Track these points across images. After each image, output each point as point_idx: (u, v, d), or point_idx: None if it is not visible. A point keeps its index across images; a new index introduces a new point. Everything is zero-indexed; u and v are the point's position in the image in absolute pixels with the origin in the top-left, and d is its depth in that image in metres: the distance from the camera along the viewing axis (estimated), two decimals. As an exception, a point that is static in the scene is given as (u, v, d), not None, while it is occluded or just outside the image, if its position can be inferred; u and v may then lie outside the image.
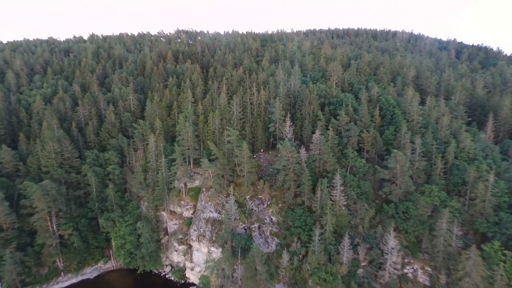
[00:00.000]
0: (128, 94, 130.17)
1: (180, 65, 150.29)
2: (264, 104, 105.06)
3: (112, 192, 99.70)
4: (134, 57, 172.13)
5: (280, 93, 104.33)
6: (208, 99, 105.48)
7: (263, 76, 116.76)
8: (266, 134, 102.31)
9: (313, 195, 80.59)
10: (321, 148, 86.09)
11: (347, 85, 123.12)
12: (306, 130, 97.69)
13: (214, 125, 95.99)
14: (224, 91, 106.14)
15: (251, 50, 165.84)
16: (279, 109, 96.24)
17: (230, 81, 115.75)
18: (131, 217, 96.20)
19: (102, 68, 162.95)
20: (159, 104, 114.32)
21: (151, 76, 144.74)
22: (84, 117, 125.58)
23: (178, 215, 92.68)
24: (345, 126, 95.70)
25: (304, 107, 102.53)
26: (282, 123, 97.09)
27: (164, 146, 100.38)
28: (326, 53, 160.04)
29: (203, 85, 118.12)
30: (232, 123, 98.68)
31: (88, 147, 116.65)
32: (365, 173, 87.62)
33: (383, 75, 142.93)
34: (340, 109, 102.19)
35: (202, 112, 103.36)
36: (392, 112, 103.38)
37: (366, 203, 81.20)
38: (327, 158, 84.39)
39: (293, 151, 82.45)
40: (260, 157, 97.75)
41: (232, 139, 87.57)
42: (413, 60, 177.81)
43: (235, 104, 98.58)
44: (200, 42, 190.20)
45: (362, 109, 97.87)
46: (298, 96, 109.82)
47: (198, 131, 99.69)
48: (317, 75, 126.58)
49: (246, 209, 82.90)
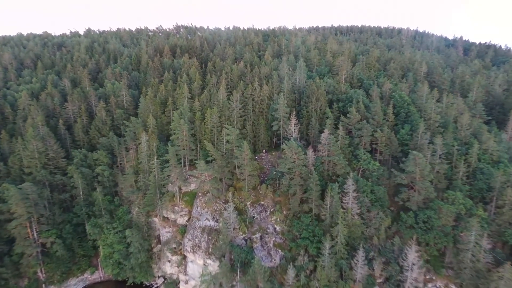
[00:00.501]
0: (120, 90, 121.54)
1: (177, 60, 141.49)
2: (267, 101, 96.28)
3: (100, 196, 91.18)
4: (130, 52, 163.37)
5: (284, 88, 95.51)
6: (205, 95, 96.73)
7: (266, 70, 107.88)
8: (269, 133, 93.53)
9: (321, 202, 71.90)
10: (331, 149, 77.31)
11: (356, 81, 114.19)
12: (313, 129, 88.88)
13: (212, 123, 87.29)
14: (223, 86, 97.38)
15: (252, 45, 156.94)
16: (283, 106, 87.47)
17: (230, 75, 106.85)
18: (120, 224, 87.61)
19: (96, 62, 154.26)
20: (153, 100, 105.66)
21: (147, 71, 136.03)
22: (74, 114, 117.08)
23: (172, 222, 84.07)
24: (356, 125, 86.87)
25: (311, 104, 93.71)
26: (286, 121, 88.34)
27: (157, 146, 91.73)
28: (332, 48, 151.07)
29: (200, 80, 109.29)
30: (231, 121, 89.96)
31: (77, 146, 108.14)
32: (379, 177, 78.87)
33: (393, 70, 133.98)
34: (350, 106, 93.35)
35: (199, 108, 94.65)
36: (407, 110, 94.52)
37: (381, 211, 72.53)
38: (338, 161, 75.61)
39: (299, 152, 73.73)
40: (262, 158, 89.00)
41: (232, 139, 78.87)
42: (423, 56, 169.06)
43: (235, 100, 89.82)
44: (199, 37, 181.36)
45: (375, 106, 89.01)
46: (304, 92, 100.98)
47: (194, 130, 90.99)
48: (323, 70, 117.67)
49: (247, 217, 74.20)
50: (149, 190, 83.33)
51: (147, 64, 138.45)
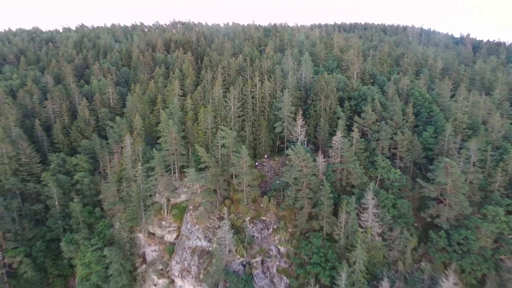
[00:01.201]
0: (107, 87, 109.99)
1: (171, 55, 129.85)
2: (268, 98, 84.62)
3: (78, 207, 79.59)
4: (121, 47, 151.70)
5: (289, 84, 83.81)
6: (199, 92, 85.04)
7: (268, 64, 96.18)
8: (271, 135, 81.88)
9: (335, 219, 60.21)
10: (344, 155, 65.59)
11: (369, 77, 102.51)
12: (322, 131, 77.17)
13: (206, 123, 75.68)
14: (219, 82, 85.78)
15: (252, 39, 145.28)
16: (288, 104, 75.83)
17: (227, 70, 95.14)
18: (100, 239, 75.86)
19: (83, 58, 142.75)
20: (140, 98, 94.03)
21: (137, 66, 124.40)
22: (54, 113, 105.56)
23: (158, 239, 72.41)
24: (373, 126, 75.19)
25: (319, 102, 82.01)
26: (291, 122, 76.69)
27: (144, 150, 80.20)
28: (338, 42, 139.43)
29: (194, 75, 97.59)
30: (228, 122, 78.35)
31: (56, 150, 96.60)
32: (400, 187, 67.18)
33: (407, 66, 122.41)
34: (364, 104, 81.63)
35: (192, 107, 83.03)
36: (429, 109, 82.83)
37: (406, 229, 60.83)
38: (353, 169, 63.88)
39: (307, 159, 62.01)
40: (263, 165, 77.32)
41: (228, 143, 67.18)
42: (436, 52, 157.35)
43: (232, 97, 78.17)
44: (195, 31, 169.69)
45: (394, 105, 77.27)
46: (310, 88, 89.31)
47: (185, 132, 79.38)
48: (331, 65, 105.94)
49: (245, 236, 62.48)
50: (131, 202, 71.68)
51: (138, 59, 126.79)
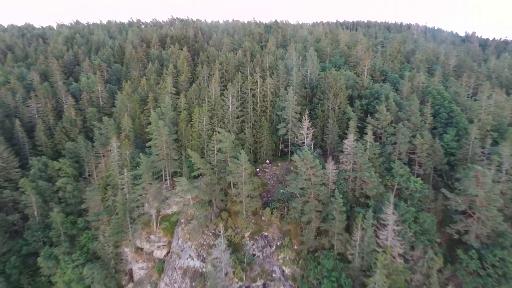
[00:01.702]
0: (95, 84, 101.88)
1: (166, 51, 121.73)
2: (271, 97, 76.52)
3: (59, 217, 71.39)
4: (114, 43, 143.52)
5: (293, 81, 75.60)
6: (194, 89, 76.91)
7: (270, 60, 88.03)
8: (273, 138, 73.79)
9: (348, 236, 52.07)
10: (358, 161, 57.40)
11: (379, 74, 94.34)
12: (331, 133, 69.04)
13: (201, 125, 67.55)
14: (216, 79, 77.66)
15: (253, 35, 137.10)
16: (293, 104, 67.69)
17: (225, 65, 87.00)
18: (82, 254, 67.62)
19: (74, 54, 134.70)
20: (130, 96, 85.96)
21: (130, 63, 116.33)
22: (38, 113, 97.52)
23: (147, 255, 64.29)
24: (388, 128, 67.00)
25: (327, 101, 73.86)
26: (297, 123, 68.56)
27: (132, 154, 72.20)
28: (344, 39, 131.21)
29: (189, 72, 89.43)
30: (226, 123, 70.25)
31: (38, 153, 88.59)
32: (421, 199, 58.97)
33: (418, 63, 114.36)
34: (377, 104, 73.50)
35: (186, 106, 74.93)
36: (449, 109, 74.63)
37: (430, 247, 52.68)
38: (369, 177, 55.69)
39: (316, 166, 53.84)
40: (265, 171, 69.25)
41: (225, 147, 59.03)
42: (447, 49, 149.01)
43: (230, 96, 70.02)
44: (193, 27, 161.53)
45: (411, 104, 69.10)
46: (317, 86, 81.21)
47: (179, 134, 71.31)
48: (338, 61, 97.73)
49: (245, 255, 54.33)
50: (117, 213, 63.57)
51: (131, 56, 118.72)
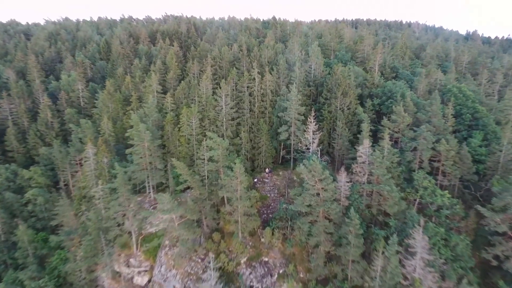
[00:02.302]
0: (76, 83, 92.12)
1: (156, 47, 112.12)
2: (270, 96, 67.19)
3: (26, 235, 61.54)
4: (101, 39, 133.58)
5: (296, 77, 66.24)
6: (182, 88, 67.36)
7: (269, 54, 78.67)
8: (274, 143, 64.50)
9: (366, 264, 42.80)
10: (375, 172, 48.13)
11: (390, 70, 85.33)
12: (340, 138, 59.80)
13: (190, 128, 58.10)
14: (208, 75, 68.24)
15: (250, 30, 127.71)
16: (296, 103, 58.40)
17: (218, 61, 77.56)
18: (51, 279, 57.86)
19: (57, 51, 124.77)
20: (112, 95, 76.36)
21: (116, 59, 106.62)
22: (12, 115, 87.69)
23: (126, 281, 54.66)
24: (407, 132, 57.86)
25: (335, 101, 64.62)
26: (300, 126, 59.29)
27: (111, 162, 62.58)
28: (348, 33, 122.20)
29: (179, 68, 79.82)
30: (219, 126, 60.86)
31: (8, 160, 78.86)
32: (450, 216, 49.84)
33: (429, 59, 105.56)
34: (391, 103, 64.42)
35: (173, 107, 65.45)
36: (473, 110, 65.63)
37: (466, 277, 43.52)
38: (389, 192, 46.44)
39: (326, 178, 44.52)
40: (264, 182, 59.88)
41: (217, 155, 49.53)
42: (456, 46, 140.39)
43: (224, 94, 60.58)
44: (186, 22, 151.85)
45: (432, 104, 59.99)
46: (323, 83, 72.02)
47: (164, 139, 61.78)
48: (345, 56, 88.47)
49: (240, 286, 44.83)
50: (89, 233, 53.88)
51: (117, 52, 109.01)
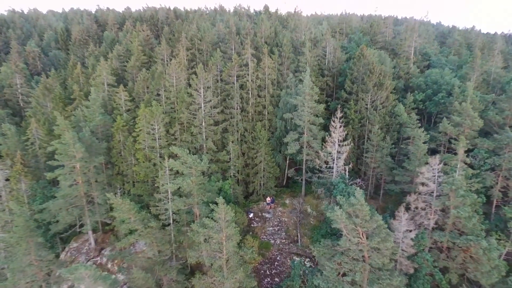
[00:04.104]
0: (11, 77, 70.35)
1: (124, 33, 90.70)
2: (271, 89, 46.79)
3: None
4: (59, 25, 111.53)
5: (307, 63, 45.81)
6: (144, 78, 46.37)
7: (268, 32, 58.10)
8: (277, 158, 44.33)
9: None
10: (455, 213, 28.29)
11: (420, 58, 66.18)
12: (377, 151, 39.86)
13: (150, 138, 37.49)
14: (181, 61, 47.73)
15: (240, 16, 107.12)
16: (311, 100, 38.37)
17: (196, 43, 56.67)
18: None
19: (5, 41, 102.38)
20: (50, 91, 55.09)
21: (72, 48, 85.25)
22: None
23: None
24: (479, 141, 38.38)
25: (365, 96, 44.69)
26: (318, 133, 39.38)
27: (34, 188, 41.60)
28: (356, 20, 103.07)
29: (144, 54, 58.64)
30: (194, 135, 40.38)
31: None
32: None
33: (458, 47, 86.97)
34: (443, 99, 45.00)
35: (130, 107, 44.65)
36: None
37: None
38: (483, 249, 26.73)
39: (378, 231, 24.49)
40: (264, 217, 39.56)
41: (188, 185, 28.93)
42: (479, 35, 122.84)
43: (202, 86, 40.03)
44: (166, 10, 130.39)
45: (509, 101, 40.70)
46: (343, 73, 52.12)
47: (113, 155, 41.00)
48: (362, 40, 68.19)
49: None
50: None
51: (75, 39, 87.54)
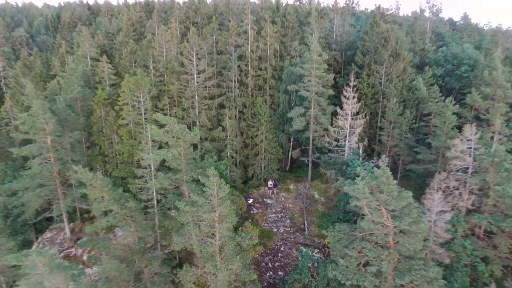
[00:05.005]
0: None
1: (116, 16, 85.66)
2: (274, 61, 41.81)
3: None
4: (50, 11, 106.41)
5: (314, 32, 40.85)
6: (131, 51, 41.31)
7: (269, 2, 53.01)
8: (280, 137, 39.43)
9: None
10: (497, 192, 23.42)
11: (434, 38, 61.36)
12: (394, 127, 35.00)
13: (135, 113, 32.55)
14: (173, 31, 42.84)
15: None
16: (319, 68, 33.53)
17: (191, 14, 51.44)
18: None
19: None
20: (30, 69, 50.05)
21: (62, 32, 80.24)
22: None
23: None
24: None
25: (379, 68, 39.81)
26: (327, 107, 34.57)
27: (4, 169, 36.67)
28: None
29: (133, 31, 53.47)
30: (187, 109, 35.47)
31: None
32: None
33: (470, 32, 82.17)
34: (466, 73, 40.20)
35: (117, 79, 39.68)
36: None
37: None
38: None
39: (409, 210, 19.61)
40: (266, 203, 34.69)
41: (175, 157, 24.02)
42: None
43: (195, 54, 35.12)
44: None
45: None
46: (352, 46, 47.30)
47: (94, 132, 36.03)
48: (369, 19, 62.91)
49: None
50: None
51: (64, 22, 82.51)
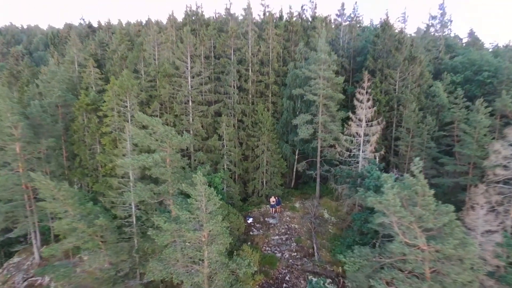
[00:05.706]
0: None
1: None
2: (276, 65, 38.23)
3: None
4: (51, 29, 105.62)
5: (320, 34, 37.46)
6: (122, 55, 37.92)
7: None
8: (283, 148, 35.19)
9: None
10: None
11: (445, 49, 58.11)
12: (414, 137, 30.69)
13: (121, 119, 28.63)
14: (168, 36, 39.83)
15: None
16: (328, 69, 29.84)
17: (189, 20, 48.41)
18: None
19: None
20: (18, 79, 46.90)
21: (58, 46, 78.27)
22: None
23: None
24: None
25: (393, 73, 36.07)
26: (336, 114, 30.55)
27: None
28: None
29: (128, 40, 50.47)
30: (179, 116, 31.54)
31: None
32: None
33: (479, 45, 79.51)
34: (489, 79, 36.41)
35: (104, 85, 36.09)
36: None
37: None
38: None
39: (450, 230, 15.06)
40: (268, 223, 30.05)
41: (157, 163, 19.80)
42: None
43: (189, 54, 31.66)
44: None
45: None
46: (361, 52, 43.95)
47: (75, 139, 32.00)
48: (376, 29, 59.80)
49: None
50: None
51: (61, 37, 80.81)
